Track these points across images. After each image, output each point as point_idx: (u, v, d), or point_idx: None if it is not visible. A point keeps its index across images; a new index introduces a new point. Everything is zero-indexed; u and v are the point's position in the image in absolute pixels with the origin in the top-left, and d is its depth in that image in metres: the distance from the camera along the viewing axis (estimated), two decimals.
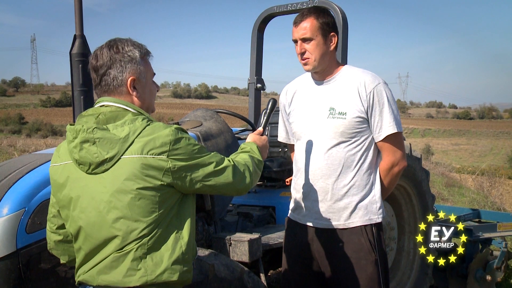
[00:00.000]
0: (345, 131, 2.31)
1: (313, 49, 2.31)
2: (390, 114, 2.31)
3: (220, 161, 1.73)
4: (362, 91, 2.30)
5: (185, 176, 1.63)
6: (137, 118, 1.65)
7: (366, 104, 2.29)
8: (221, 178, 1.72)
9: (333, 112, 2.33)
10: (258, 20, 4.41)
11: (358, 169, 2.35)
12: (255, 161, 1.93)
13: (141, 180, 1.57)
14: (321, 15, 2.31)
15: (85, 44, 3.81)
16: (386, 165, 2.39)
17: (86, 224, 1.63)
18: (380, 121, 2.31)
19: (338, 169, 2.34)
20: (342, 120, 2.31)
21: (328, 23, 2.32)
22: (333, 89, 2.38)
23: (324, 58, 2.33)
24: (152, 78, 1.82)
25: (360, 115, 2.30)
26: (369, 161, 2.37)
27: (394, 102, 2.35)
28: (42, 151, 3.06)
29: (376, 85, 2.30)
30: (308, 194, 2.44)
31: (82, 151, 1.61)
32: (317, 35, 2.30)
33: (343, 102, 2.32)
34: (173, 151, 1.60)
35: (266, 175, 4.04)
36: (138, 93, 1.73)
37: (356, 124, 2.31)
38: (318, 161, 2.38)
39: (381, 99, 2.29)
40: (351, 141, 2.33)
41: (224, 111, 3.64)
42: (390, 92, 2.34)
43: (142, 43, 1.78)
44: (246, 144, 2.05)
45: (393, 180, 2.43)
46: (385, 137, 2.32)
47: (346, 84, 2.35)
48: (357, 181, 2.35)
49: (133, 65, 1.71)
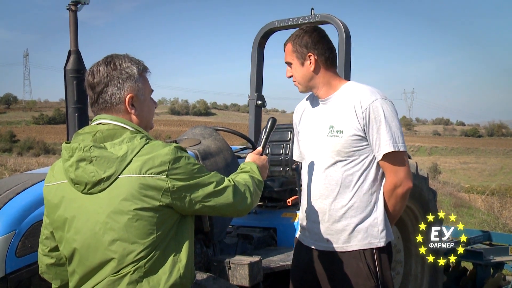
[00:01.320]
0: (341, 150, 2.32)
1: (294, 73, 2.42)
2: (387, 132, 2.28)
3: (220, 181, 1.75)
4: (358, 108, 2.30)
5: (184, 197, 1.64)
6: (135, 136, 1.67)
7: (362, 121, 2.29)
8: (221, 198, 1.73)
9: (331, 130, 2.36)
10: (259, 35, 4.46)
11: (357, 190, 2.34)
12: (255, 181, 1.94)
13: (139, 200, 1.58)
14: (299, 38, 2.38)
15: (80, 60, 3.85)
16: (388, 186, 2.36)
17: (81, 246, 1.63)
18: (378, 139, 2.30)
19: (336, 189, 2.35)
20: (339, 139, 2.32)
21: (306, 44, 2.36)
22: (333, 107, 2.40)
23: (307, 80, 2.40)
24: (150, 95, 1.84)
25: (357, 133, 2.30)
26: (370, 181, 2.35)
27: (394, 118, 2.31)
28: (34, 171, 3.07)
29: (373, 101, 2.29)
30: (308, 215, 2.46)
31: (78, 170, 1.62)
32: (293, 59, 2.40)
33: (341, 120, 2.34)
34: (172, 170, 1.62)
35: (266, 195, 4.04)
36: (136, 111, 1.75)
37: (354, 142, 2.31)
38: (317, 181, 2.40)
39: (377, 116, 2.28)
40: (349, 160, 2.33)
41: (224, 129, 3.66)
42: (390, 108, 2.31)
43: (140, 59, 1.81)
44: (246, 164, 2.07)
45: (399, 202, 2.38)
46: (384, 156, 2.30)
47: (345, 102, 2.36)
48: (356, 202, 2.34)
49: (131, 82, 1.74)
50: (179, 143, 3.17)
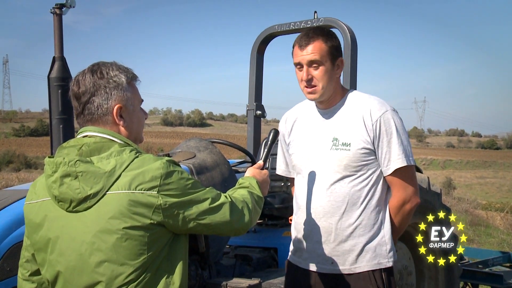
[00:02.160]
0: (349, 164, 2.32)
1: (321, 75, 2.32)
2: (399, 146, 2.31)
3: (216, 197, 1.75)
4: (368, 119, 2.31)
5: (177, 214, 1.64)
6: (124, 149, 1.67)
7: (372, 134, 2.31)
8: (217, 216, 1.73)
9: (336, 143, 2.35)
10: (258, 41, 4.49)
11: (365, 207, 2.35)
12: (254, 197, 1.95)
13: (128, 218, 1.58)
14: (330, 38, 2.35)
15: (65, 67, 3.87)
16: (396, 203, 2.38)
17: (65, 269, 1.63)
18: (388, 153, 2.32)
19: (343, 206, 2.34)
20: (346, 152, 2.32)
21: (337, 47, 2.36)
22: (336, 118, 2.40)
23: (331, 86, 2.35)
24: (140, 105, 1.85)
25: (365, 146, 2.31)
26: (378, 197, 2.37)
27: (405, 131, 2.36)
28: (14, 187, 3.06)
29: (384, 112, 2.32)
30: (309, 235, 2.43)
31: (62, 186, 1.63)
32: (327, 60, 2.32)
33: (347, 132, 2.34)
34: (164, 186, 1.62)
35: (267, 213, 4.04)
36: (125, 122, 1.76)
37: (362, 156, 2.32)
38: (320, 198, 2.38)
39: (388, 128, 2.31)
40: (357, 175, 2.34)
41: (220, 141, 3.67)
42: (400, 120, 2.36)
43: (128, 67, 1.82)
44: (245, 179, 2.07)
45: (405, 219, 2.42)
46: (394, 171, 2.32)
47: (351, 112, 2.37)
48: (363, 220, 2.35)
49: (119, 92, 1.75)
50: (171, 157, 3.17)
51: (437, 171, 58.08)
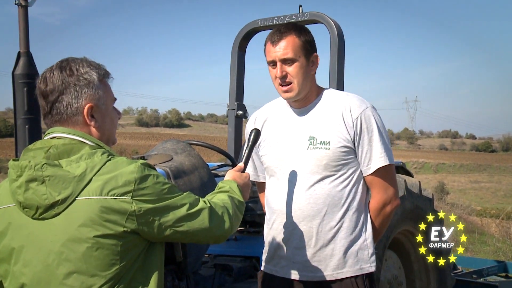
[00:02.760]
0: (329, 163, 2.35)
1: (296, 72, 2.36)
2: (381, 144, 2.36)
3: (194, 203, 1.75)
4: (348, 116, 2.36)
5: (152, 221, 1.64)
6: (95, 152, 1.67)
7: (352, 131, 2.35)
8: (196, 222, 1.73)
9: (313, 141, 2.38)
10: (239, 36, 4.50)
11: (347, 208, 2.38)
12: (235, 202, 1.95)
13: (99, 226, 1.58)
14: (303, 33, 2.39)
15: (31, 63, 3.84)
16: (377, 204, 2.43)
17: (30, 281, 1.62)
18: (369, 151, 2.36)
19: (324, 208, 2.37)
20: (325, 151, 2.35)
21: (311, 42, 2.40)
22: (313, 116, 2.43)
23: (306, 83, 2.39)
24: (112, 104, 1.85)
25: (345, 145, 2.35)
26: (359, 198, 2.40)
27: (385, 130, 2.41)
28: None
29: (364, 109, 2.37)
30: (287, 241, 2.44)
31: (28, 191, 1.62)
32: (300, 56, 2.36)
33: (326, 130, 2.37)
34: (138, 191, 1.62)
35: (248, 219, 4.04)
36: (96, 123, 1.76)
37: (342, 154, 2.35)
38: (299, 201, 2.40)
39: (369, 125, 2.35)
40: (337, 175, 2.37)
41: (199, 143, 3.67)
42: (380, 118, 2.41)
43: (100, 63, 1.82)
44: (225, 183, 2.08)
45: (385, 221, 2.48)
46: (376, 171, 2.37)
47: (329, 110, 2.40)
48: (345, 222, 2.38)
49: (91, 90, 1.75)
50: (147, 160, 3.16)
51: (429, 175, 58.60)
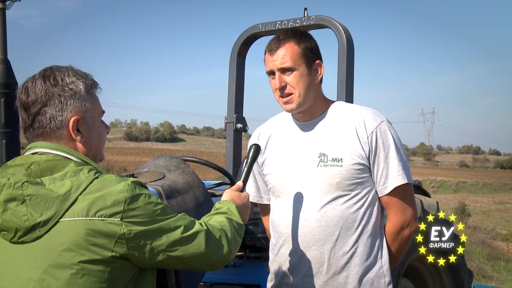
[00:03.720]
0: (342, 182, 2.36)
1: (296, 81, 2.38)
2: (398, 161, 2.37)
3: (189, 225, 1.76)
4: (362, 131, 2.37)
5: (144, 245, 1.65)
6: (81, 169, 1.68)
7: (367, 147, 2.36)
8: (191, 247, 1.74)
9: (324, 158, 2.39)
10: (238, 42, 4.51)
11: (361, 232, 2.38)
12: (234, 225, 1.96)
13: (85, 250, 1.59)
14: (303, 39, 2.41)
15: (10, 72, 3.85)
16: (394, 227, 2.43)
17: None
18: (385, 169, 2.37)
19: (336, 232, 2.37)
20: (338, 168, 2.36)
21: (312, 49, 2.42)
22: (323, 131, 2.44)
23: (309, 93, 2.40)
24: (100, 117, 1.87)
25: (360, 161, 2.36)
26: (374, 221, 2.41)
27: (402, 145, 2.43)
28: None
29: (379, 123, 2.38)
30: (296, 267, 2.45)
31: (6, 212, 1.62)
32: (300, 64, 2.38)
33: (338, 145, 2.38)
34: (128, 212, 1.63)
35: (248, 243, 4.04)
36: (83, 137, 1.77)
37: (356, 172, 2.36)
38: (309, 223, 2.40)
39: (385, 141, 2.36)
40: (350, 195, 2.38)
41: (194, 159, 3.68)
42: (396, 133, 2.43)
43: (87, 72, 1.84)
44: (223, 203, 2.09)
45: (403, 246, 2.48)
46: (393, 191, 2.37)
47: (341, 124, 2.42)
48: (359, 247, 2.38)
49: (77, 102, 1.76)
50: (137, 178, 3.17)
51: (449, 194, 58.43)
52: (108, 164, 46.20)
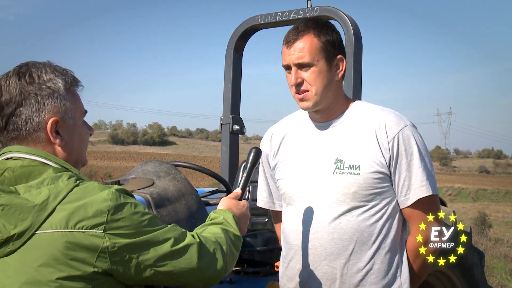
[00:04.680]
0: (358, 192, 2.35)
1: (314, 78, 2.37)
2: (423, 170, 2.36)
3: (180, 237, 1.76)
4: (382, 136, 2.36)
5: (129, 259, 1.65)
6: (60, 176, 1.68)
7: (388, 154, 2.35)
8: (182, 261, 1.74)
9: (340, 165, 2.38)
10: (235, 36, 4.51)
11: (378, 247, 2.38)
12: (230, 237, 1.96)
13: (64, 266, 1.58)
14: (324, 31, 2.40)
15: None
16: (416, 243, 2.40)
17: None
18: (408, 179, 2.36)
19: (350, 246, 2.37)
20: (355, 177, 2.35)
21: (334, 42, 2.41)
22: (340, 134, 2.43)
23: (328, 91, 2.40)
24: (82, 118, 1.87)
25: (379, 170, 2.35)
26: (393, 235, 2.40)
27: (427, 152, 2.41)
28: None
29: (402, 128, 2.37)
30: (306, 283, 2.45)
31: None
32: (319, 59, 2.37)
33: (356, 151, 2.38)
34: (112, 223, 1.62)
35: (246, 257, 4.04)
36: (62, 141, 1.77)
37: (374, 182, 2.35)
38: (321, 235, 2.40)
39: (409, 147, 2.35)
40: (368, 206, 2.37)
41: (186, 165, 3.68)
42: (421, 138, 2.41)
43: (67, 68, 1.84)
44: (218, 213, 2.09)
45: (426, 264, 2.44)
46: (415, 202, 2.36)
47: (360, 127, 2.41)
48: (376, 263, 2.38)
49: (55, 101, 1.76)
50: (122, 185, 3.17)
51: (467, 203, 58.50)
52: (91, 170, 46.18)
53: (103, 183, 1.84)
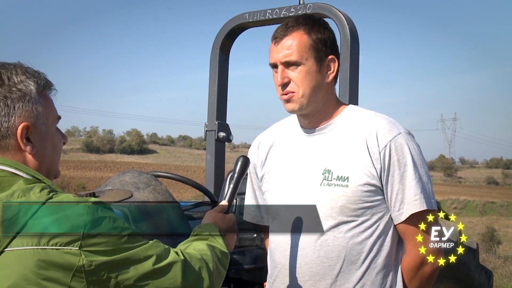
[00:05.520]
0: (346, 206, 2.35)
1: (301, 78, 2.37)
2: (417, 182, 2.34)
3: (162, 254, 1.77)
4: (373, 144, 2.35)
5: (107, 279, 1.65)
6: (32, 187, 1.68)
7: (379, 165, 2.34)
8: (165, 281, 1.74)
9: (328, 176, 2.38)
10: (221, 35, 4.52)
11: (368, 266, 2.37)
12: (216, 253, 1.97)
13: (36, 286, 1.58)
14: (316, 28, 2.40)
15: None
16: (412, 262, 2.41)
17: None
18: (401, 192, 2.35)
19: (337, 265, 2.37)
20: (343, 189, 2.35)
21: (325, 41, 2.41)
22: (330, 142, 2.44)
23: (317, 94, 2.40)
24: (55, 124, 1.87)
25: (369, 182, 2.34)
26: (385, 253, 2.40)
27: (424, 163, 2.40)
28: None
29: (395, 136, 2.36)
30: None
31: None
32: (308, 58, 2.37)
33: (345, 161, 2.37)
34: (89, 239, 1.62)
35: (233, 276, 4.04)
36: (34, 148, 1.77)
37: (365, 195, 2.35)
38: (306, 253, 2.40)
39: (402, 157, 2.34)
40: (357, 222, 2.37)
41: (168, 175, 3.68)
42: (417, 147, 2.40)
43: (40, 70, 1.85)
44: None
45: (424, 285, 2.44)
46: (410, 217, 2.35)
47: (350, 134, 2.41)
48: (365, 285, 2.37)
49: (26, 105, 1.76)
50: (99, 197, 3.17)
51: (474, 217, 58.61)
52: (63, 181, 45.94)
53: (78, 195, 1.83)
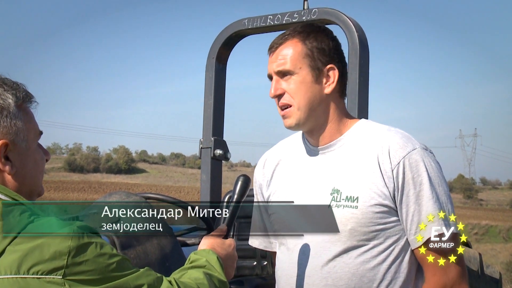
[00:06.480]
0: (356, 229, 2.35)
1: (295, 89, 2.38)
2: (434, 202, 2.33)
3: (155, 284, 1.78)
4: (385, 161, 2.35)
5: None
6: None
7: (392, 184, 2.34)
8: None
9: (337, 197, 2.38)
10: (218, 43, 4.51)
11: None
12: (214, 282, 1.97)
13: None
14: (313, 36, 2.42)
15: None
16: None
17: None
18: (417, 213, 2.34)
19: None
20: (352, 210, 2.35)
21: (323, 49, 2.42)
22: (339, 159, 2.44)
23: (315, 106, 2.40)
24: (37, 140, 1.88)
25: (382, 202, 2.34)
26: (402, 281, 2.38)
27: (442, 180, 2.38)
28: None
29: (409, 152, 2.35)
30: None
31: None
32: (302, 67, 2.38)
33: (354, 180, 2.37)
34: (73, 267, 1.63)
35: None
36: (13, 167, 1.79)
37: (376, 217, 2.35)
38: (313, 280, 2.40)
39: (417, 175, 2.33)
40: (368, 246, 2.37)
41: (158, 196, 3.68)
42: (435, 164, 2.39)
43: (19, 82, 1.86)
44: (200, 254, 2.10)
45: None
46: (428, 242, 2.35)
47: (360, 151, 2.41)
48: None
49: (5, 120, 1.78)
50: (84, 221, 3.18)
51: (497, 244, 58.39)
52: None
53: (61, 219, 1.84)
